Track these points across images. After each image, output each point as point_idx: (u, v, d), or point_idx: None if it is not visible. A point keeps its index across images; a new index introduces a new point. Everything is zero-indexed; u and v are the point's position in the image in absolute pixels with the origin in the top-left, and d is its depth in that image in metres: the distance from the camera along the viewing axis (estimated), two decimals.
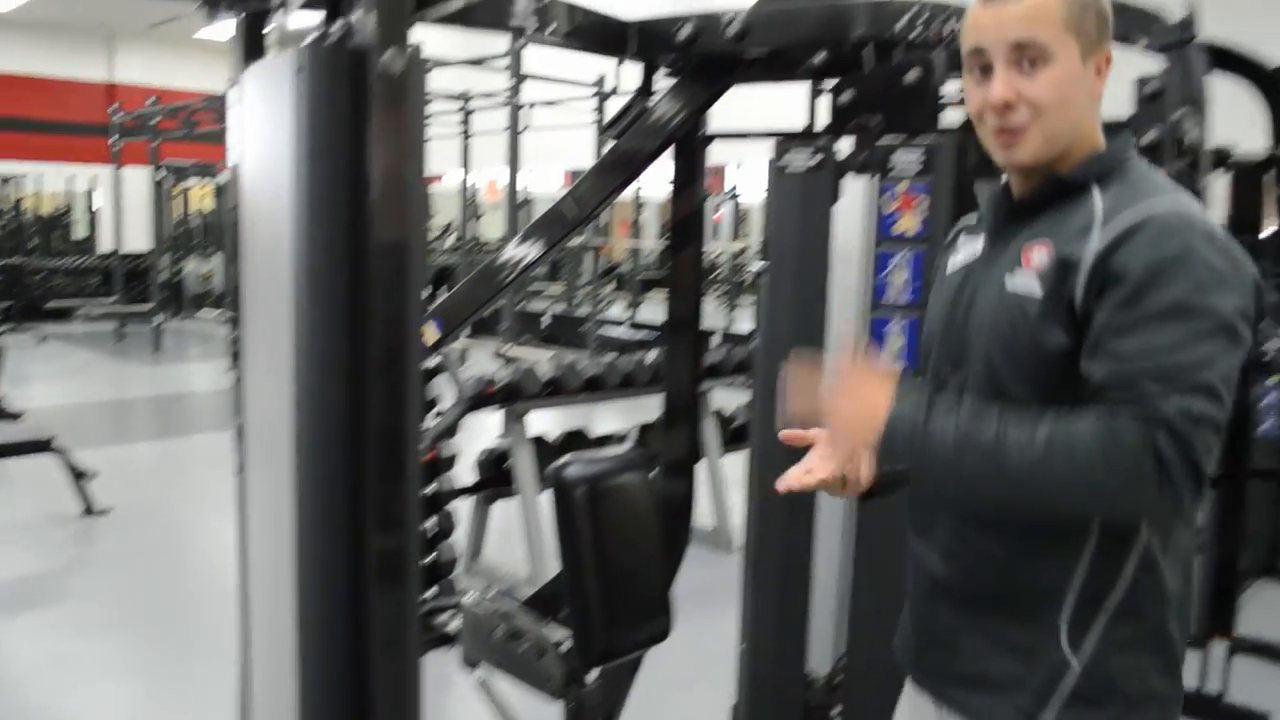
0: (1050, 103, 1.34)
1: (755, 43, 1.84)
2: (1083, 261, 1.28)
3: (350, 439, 1.13)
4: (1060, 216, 1.36)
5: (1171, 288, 1.22)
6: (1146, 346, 1.22)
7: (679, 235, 2.36)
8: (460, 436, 6.39)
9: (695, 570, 4.76)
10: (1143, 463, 1.19)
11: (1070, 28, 1.33)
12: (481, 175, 14.21)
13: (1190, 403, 1.19)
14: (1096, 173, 1.37)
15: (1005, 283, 1.36)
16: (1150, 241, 1.25)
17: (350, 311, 1.10)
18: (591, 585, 1.80)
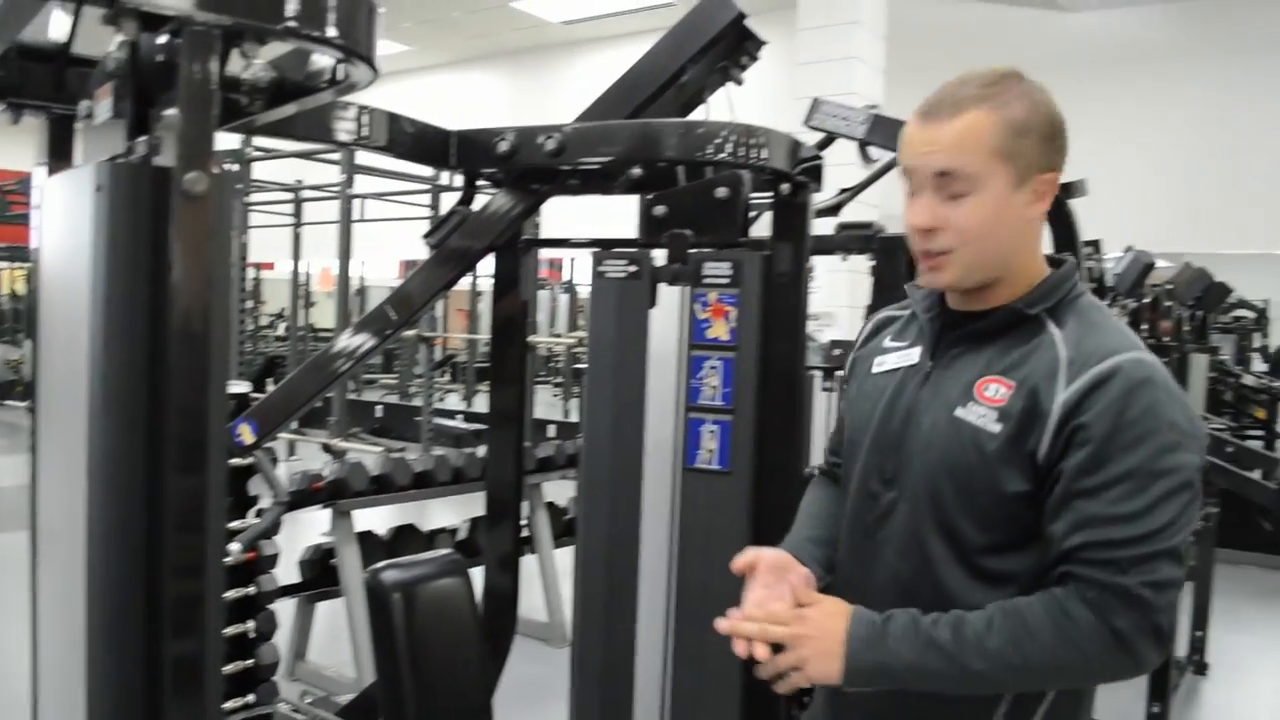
0: (973, 233, 1.33)
1: (571, 158, 1.91)
2: (1050, 413, 1.28)
3: (145, 542, 1.11)
4: (1016, 351, 1.35)
5: (1138, 450, 1.23)
6: (1114, 513, 1.23)
7: (502, 334, 2.40)
8: (290, 532, 6.19)
9: (528, 665, 4.73)
10: (1101, 642, 1.21)
11: (1000, 154, 1.31)
12: (315, 263, 13.97)
13: (1155, 573, 1.21)
14: (1048, 305, 1.36)
15: (957, 411, 1.35)
16: (1117, 398, 1.25)
17: (148, 419, 1.10)
18: (408, 692, 1.78)
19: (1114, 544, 1.22)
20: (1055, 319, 1.36)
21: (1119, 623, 1.21)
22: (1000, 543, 1.34)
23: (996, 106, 1.33)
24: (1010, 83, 1.35)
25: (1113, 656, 1.23)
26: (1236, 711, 4.84)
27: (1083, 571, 1.24)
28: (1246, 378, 9.45)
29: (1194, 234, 8.94)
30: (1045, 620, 1.24)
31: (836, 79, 7.10)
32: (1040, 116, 1.34)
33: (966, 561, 1.35)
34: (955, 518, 1.35)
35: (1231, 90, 8.86)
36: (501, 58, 13.31)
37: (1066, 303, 1.37)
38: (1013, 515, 1.32)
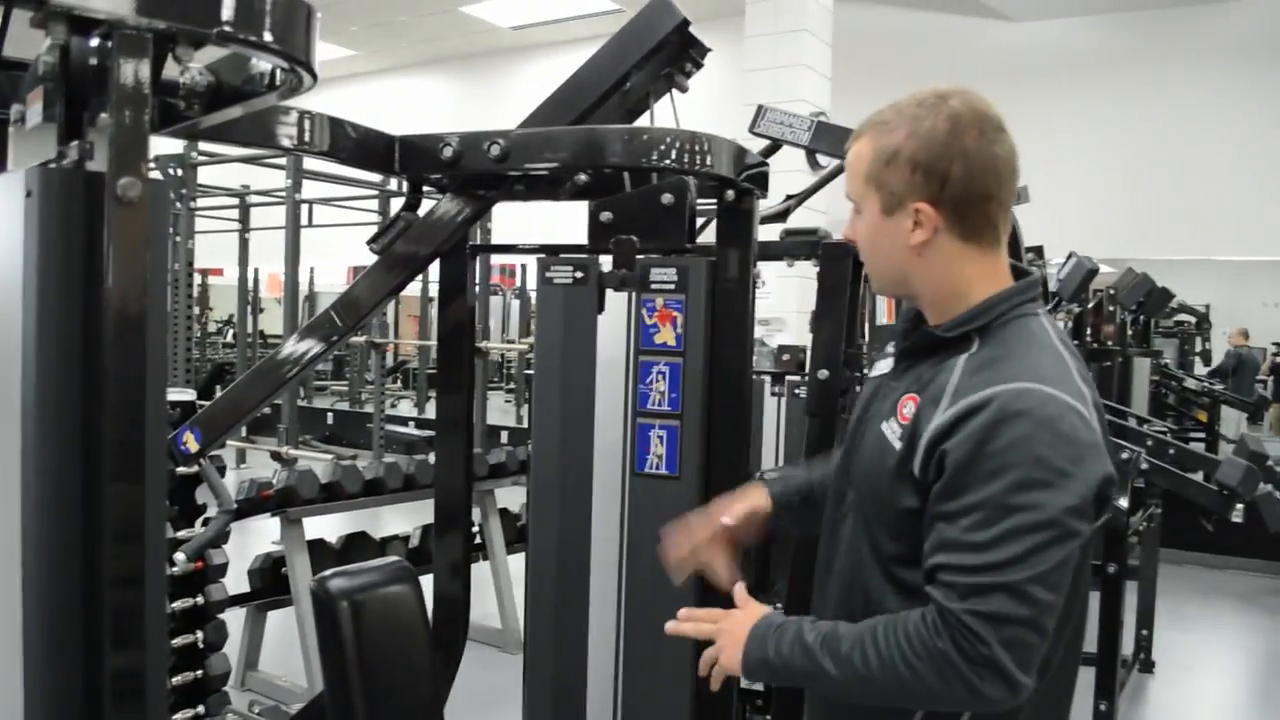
0: (862, 250, 1.45)
1: (516, 164, 1.91)
2: (922, 436, 1.31)
3: (83, 553, 1.09)
4: (930, 372, 1.38)
5: (994, 483, 1.24)
6: (962, 540, 1.25)
7: (450, 340, 2.39)
8: (241, 541, 6.11)
9: (482, 672, 4.71)
10: (930, 663, 1.24)
11: (870, 181, 1.39)
12: (264, 269, 13.82)
13: (987, 604, 1.22)
14: (973, 329, 1.37)
15: (882, 425, 1.40)
16: (982, 428, 1.25)
17: (84, 428, 1.08)
18: (356, 702, 1.76)
19: (956, 569, 1.25)
20: (981, 340, 1.37)
21: (944, 646, 1.23)
22: (907, 555, 1.36)
23: (881, 134, 1.38)
24: (925, 109, 1.36)
25: (942, 681, 1.24)
26: (1183, 708, 4.93)
27: (931, 592, 1.27)
28: (1188, 381, 9.64)
29: (1136, 240, 9.11)
30: (891, 637, 1.28)
31: (784, 86, 7.15)
32: (917, 146, 1.35)
33: (884, 569, 1.40)
34: (874, 526, 1.41)
35: (1172, 99, 9.05)
36: (450, 63, 13.27)
37: (998, 324, 1.38)
38: (912, 528, 1.35)
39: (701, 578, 1.77)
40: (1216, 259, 10.26)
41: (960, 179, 1.34)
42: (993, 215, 1.39)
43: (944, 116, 1.34)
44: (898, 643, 1.27)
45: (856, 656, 1.29)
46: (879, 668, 1.28)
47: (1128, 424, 4.88)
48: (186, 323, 9.31)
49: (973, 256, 1.39)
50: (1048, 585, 1.24)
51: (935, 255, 1.39)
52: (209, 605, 3.80)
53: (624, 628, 2.15)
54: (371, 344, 10.01)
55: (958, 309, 1.40)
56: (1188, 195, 8.96)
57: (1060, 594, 1.27)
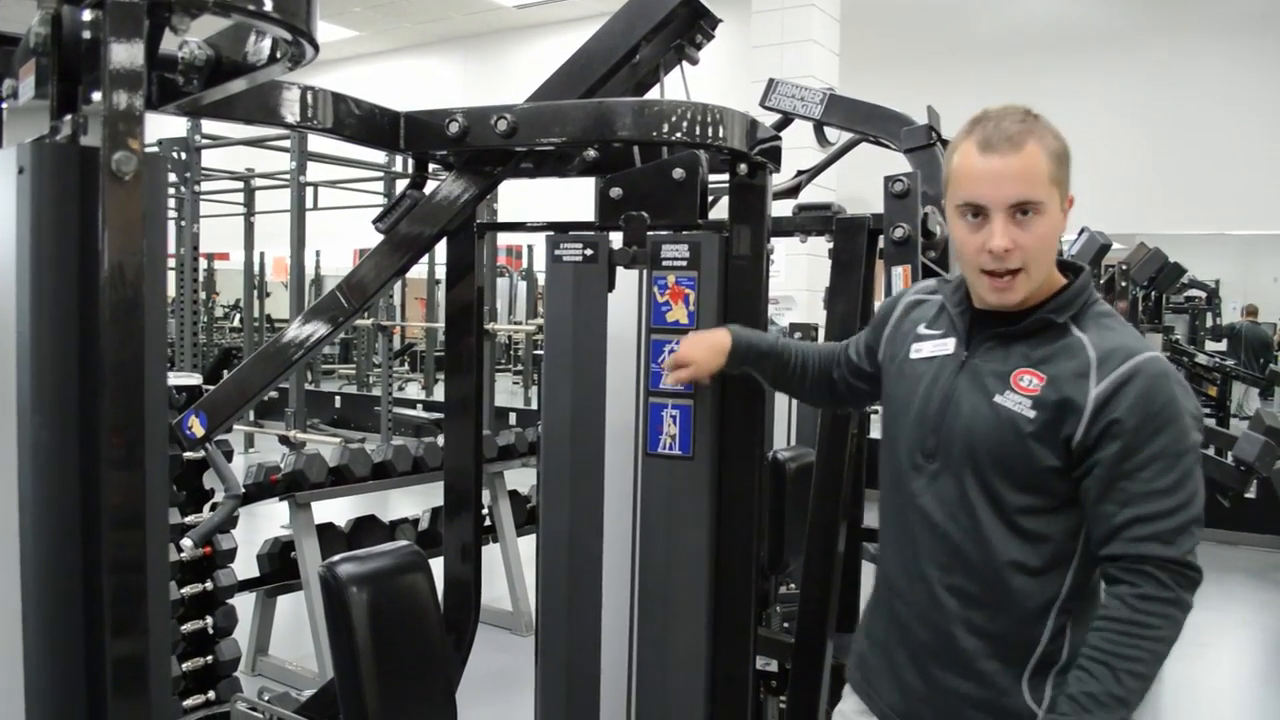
0: (1040, 251, 1.54)
1: (523, 139, 1.87)
2: (1085, 406, 1.49)
3: (83, 539, 1.07)
4: (1044, 349, 1.56)
5: (1164, 436, 1.47)
6: (1150, 491, 1.47)
7: (458, 321, 2.36)
8: (251, 525, 6.11)
9: (494, 654, 4.71)
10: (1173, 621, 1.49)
11: (1055, 181, 1.54)
12: (270, 253, 13.79)
13: (1192, 538, 1.49)
14: (1072, 313, 1.57)
15: (995, 398, 1.57)
16: (1142, 393, 1.47)
17: (82, 411, 1.05)
18: (367, 687, 1.74)
19: (1156, 517, 1.47)
20: (1077, 324, 1.57)
21: (1178, 594, 1.48)
22: (1035, 506, 1.55)
23: (1040, 138, 1.54)
24: (1034, 117, 1.56)
25: (1177, 626, 1.49)
26: (1196, 685, 4.90)
27: (1135, 548, 1.48)
28: (1200, 356, 9.58)
29: (1148, 215, 9.03)
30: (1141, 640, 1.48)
31: (792, 62, 7.08)
32: (1064, 146, 1.56)
33: (1008, 521, 1.56)
34: (996, 484, 1.56)
35: (1184, 73, 8.95)
36: (454, 43, 13.17)
37: (1085, 309, 1.58)
38: (1045, 484, 1.54)
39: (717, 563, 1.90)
40: (1228, 233, 10.17)
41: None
42: None
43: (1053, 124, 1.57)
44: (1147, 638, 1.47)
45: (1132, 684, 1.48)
46: (1151, 669, 1.49)
47: None
48: (193, 307, 9.31)
49: None
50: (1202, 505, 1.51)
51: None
52: (218, 590, 3.79)
53: (637, 609, 2.13)
54: (379, 327, 9.99)
55: (1047, 292, 1.59)
56: (1200, 169, 8.87)
57: None
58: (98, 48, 1.02)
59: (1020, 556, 1.56)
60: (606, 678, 2.17)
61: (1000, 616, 1.58)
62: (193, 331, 9.43)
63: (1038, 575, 1.57)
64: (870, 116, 2.54)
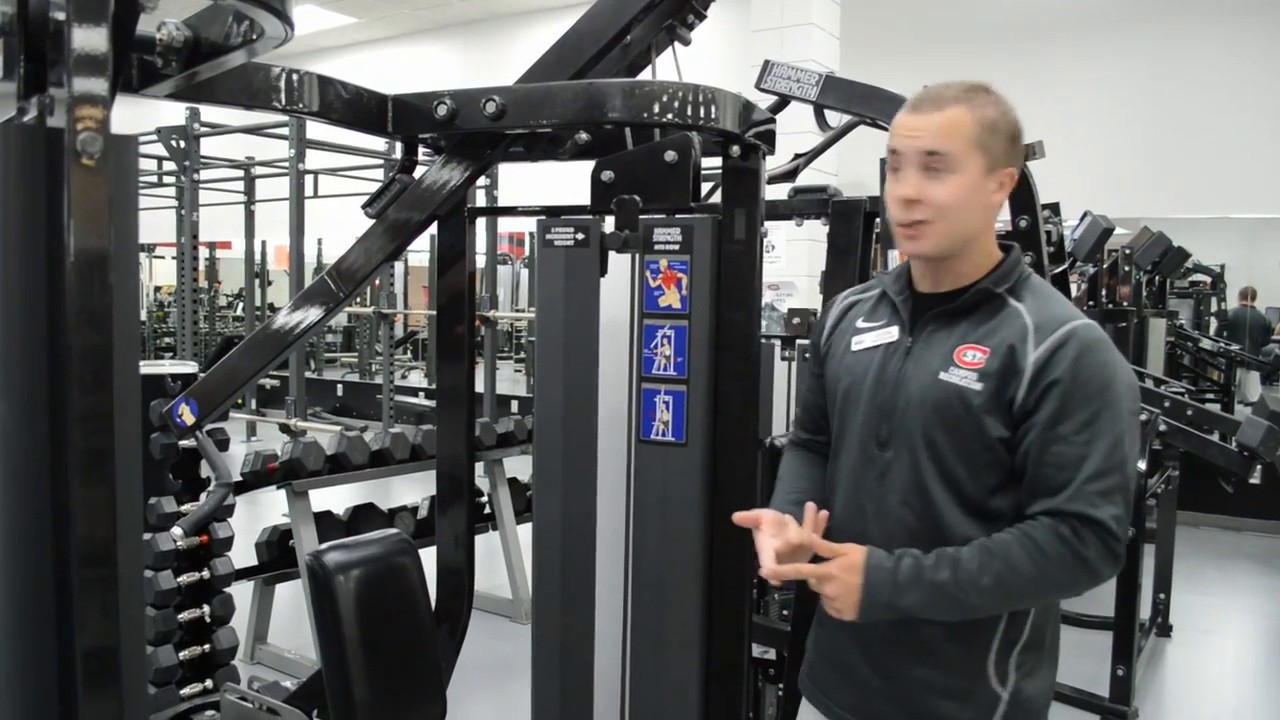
0: (951, 207, 1.56)
1: (513, 122, 1.84)
2: (1025, 369, 1.52)
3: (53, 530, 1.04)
4: (986, 323, 1.59)
5: (1097, 400, 1.49)
6: (1082, 455, 1.48)
7: (450, 308, 2.33)
8: (251, 513, 6.10)
9: (493, 642, 4.70)
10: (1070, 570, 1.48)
11: (976, 143, 1.56)
12: (271, 241, 13.77)
13: (1115, 505, 1.48)
14: (1009, 285, 1.61)
15: (940, 375, 1.58)
16: (1077, 355, 1.50)
17: (49, 401, 1.03)
18: (354, 676, 1.72)
19: (1087, 478, 1.47)
20: (1015, 295, 1.60)
21: (1088, 552, 1.47)
22: (990, 484, 1.57)
23: (974, 107, 1.57)
24: (982, 91, 1.60)
25: (1078, 579, 1.50)
26: (1201, 672, 4.88)
27: (1069, 507, 1.47)
28: (1204, 341, 9.54)
29: (1151, 199, 8.97)
30: (1025, 559, 1.48)
31: (792, 46, 7.03)
32: (1003, 119, 1.58)
33: (962, 500, 1.57)
34: (951, 463, 1.57)
35: (1188, 55, 8.88)
36: (454, 29, 13.10)
37: (1021, 281, 1.62)
38: (997, 459, 1.56)
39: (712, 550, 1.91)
40: (1232, 217, 10.10)
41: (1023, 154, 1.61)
42: None
43: (1003, 99, 1.60)
44: (1041, 562, 1.47)
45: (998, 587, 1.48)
46: (1023, 587, 1.50)
47: (1145, 385, 4.81)
48: (194, 295, 9.29)
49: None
50: (1135, 477, 1.53)
51: (992, 216, 1.63)
52: (215, 579, 3.78)
53: (631, 597, 2.11)
54: (380, 315, 9.97)
55: (984, 267, 1.62)
56: (1204, 152, 8.81)
57: None
58: (64, 27, 0.99)
59: (977, 536, 1.55)
60: (600, 664, 2.16)
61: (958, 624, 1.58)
62: (194, 320, 9.41)
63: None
64: (867, 98, 2.51)
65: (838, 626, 1.66)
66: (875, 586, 1.53)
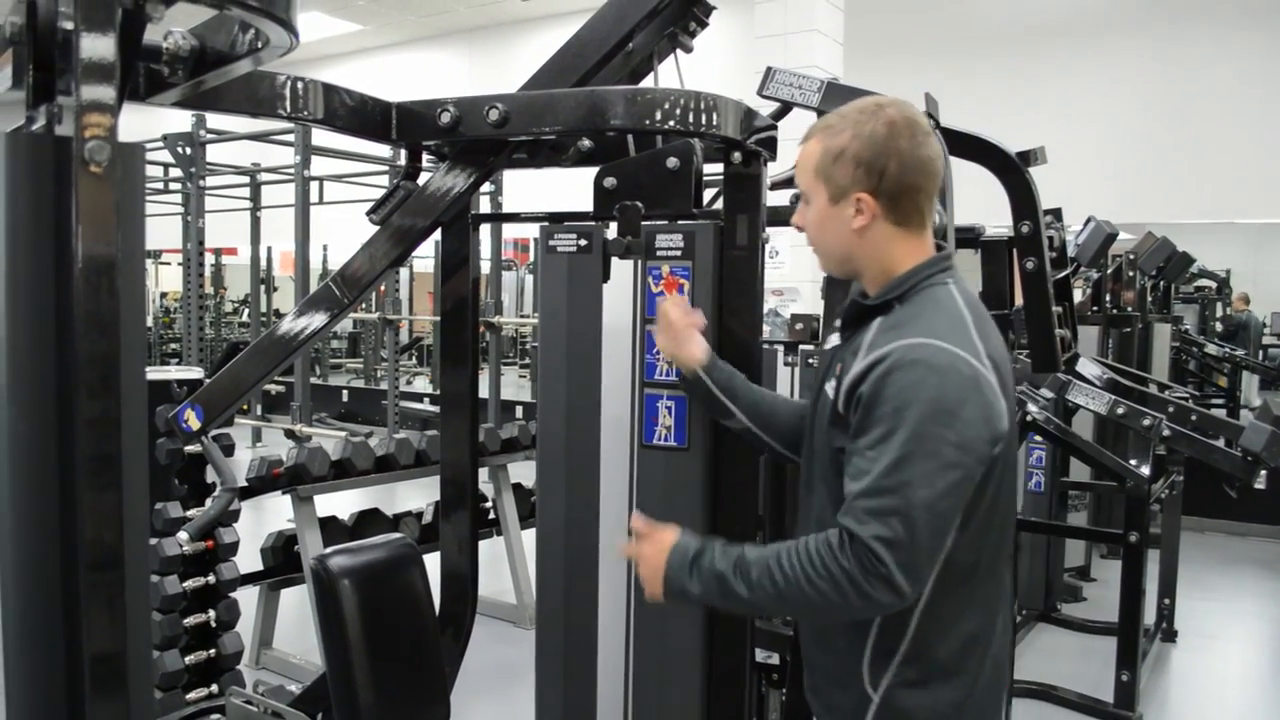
0: (809, 235, 1.68)
1: (515, 129, 1.85)
2: (844, 384, 1.56)
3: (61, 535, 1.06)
4: (860, 335, 1.62)
5: (891, 419, 1.47)
6: (864, 469, 1.47)
7: (453, 314, 2.35)
8: (257, 519, 6.11)
9: (498, 647, 4.71)
10: (830, 581, 1.46)
11: (819, 174, 1.62)
12: (277, 247, 13.81)
13: (885, 528, 1.43)
14: (894, 297, 1.61)
15: (825, 385, 1.66)
16: (884, 374, 1.49)
17: (58, 406, 1.04)
18: (358, 679, 1.73)
19: (861, 494, 1.47)
20: (901, 305, 1.61)
21: (849, 567, 1.45)
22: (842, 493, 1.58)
23: (828, 136, 1.62)
24: (866, 115, 1.60)
25: (844, 594, 1.46)
26: (1206, 677, 4.88)
27: (841, 518, 1.48)
28: (1209, 346, 9.53)
29: (1155, 204, 8.97)
30: (793, 562, 1.50)
31: (795, 52, 7.04)
32: (860, 147, 1.59)
33: (836, 507, 1.57)
34: (829, 474, 1.63)
35: (1191, 59, 8.88)
36: (459, 35, 13.14)
37: (912, 293, 1.61)
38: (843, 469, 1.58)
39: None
40: (1237, 222, 10.09)
41: (895, 174, 1.58)
42: (920, 204, 1.63)
43: (883, 122, 1.59)
44: (802, 566, 1.48)
45: (766, 581, 1.51)
46: (786, 588, 1.49)
47: (1148, 390, 4.81)
48: (200, 301, 9.31)
49: (902, 238, 1.63)
50: (933, 510, 1.45)
51: (872, 237, 1.63)
52: (220, 584, 3.79)
53: (634, 601, 2.11)
54: (385, 320, 9.98)
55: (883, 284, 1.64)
56: (1208, 158, 8.80)
57: (951, 518, 1.48)
58: (72, 37, 1.00)
59: None
60: (603, 669, 2.16)
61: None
62: (199, 326, 9.43)
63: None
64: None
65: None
66: (674, 568, 1.59)
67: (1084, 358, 4.65)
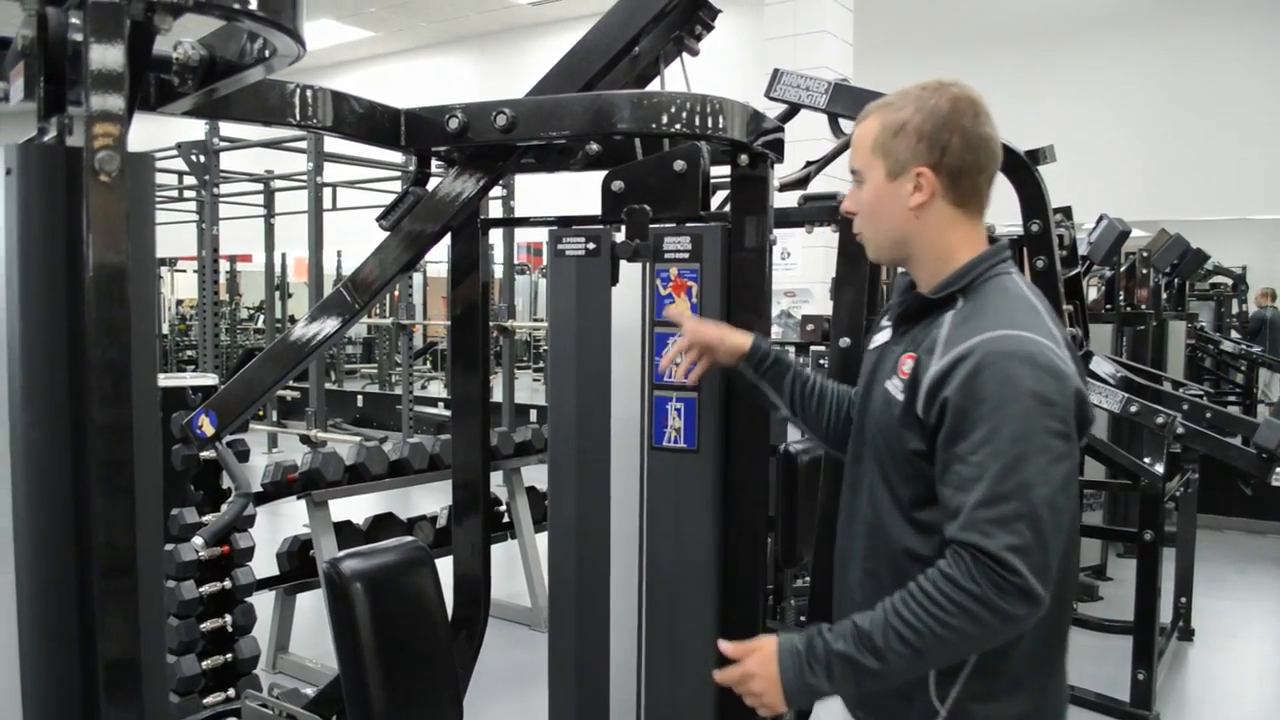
0: (862, 215, 1.61)
1: (523, 134, 1.87)
2: (923, 384, 1.49)
3: (76, 539, 1.07)
4: (924, 331, 1.56)
5: (993, 420, 1.40)
6: (976, 477, 1.39)
7: (464, 319, 2.36)
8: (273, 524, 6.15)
9: (513, 650, 4.72)
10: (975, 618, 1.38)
11: (877, 150, 1.57)
12: (291, 254, 13.87)
13: (1013, 534, 1.37)
14: (957, 289, 1.56)
15: (885, 383, 1.59)
16: (973, 372, 1.43)
17: (71, 413, 1.06)
18: (371, 683, 1.75)
19: (979, 504, 1.39)
20: (964, 299, 1.56)
21: (983, 590, 1.37)
22: (920, 497, 1.53)
23: (889, 112, 1.58)
24: (927, 92, 1.57)
25: (986, 623, 1.39)
26: (1223, 676, 4.86)
27: (961, 535, 1.40)
28: (1225, 344, 9.47)
29: (1169, 201, 8.93)
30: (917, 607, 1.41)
31: (805, 53, 7.05)
32: (923, 119, 1.55)
33: (903, 512, 1.56)
34: (890, 475, 1.58)
35: (1204, 54, 8.85)
36: (469, 41, 13.19)
37: (977, 284, 1.56)
38: (918, 472, 1.52)
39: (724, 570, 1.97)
40: (1253, 218, 10.04)
41: (958, 150, 1.54)
42: (980, 186, 1.59)
43: (946, 98, 1.55)
44: (928, 611, 1.40)
45: (896, 643, 1.41)
46: (920, 642, 1.40)
47: (1162, 388, 4.79)
48: (215, 308, 9.37)
49: (960, 223, 1.59)
50: (1055, 506, 1.39)
51: (930, 218, 1.58)
52: (237, 589, 3.82)
53: (645, 603, 2.12)
54: (399, 326, 10.02)
55: (945, 272, 1.58)
56: (1222, 154, 8.76)
57: (1068, 511, 1.42)
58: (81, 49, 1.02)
59: (914, 545, 1.55)
60: (615, 671, 2.17)
61: None
62: (215, 333, 9.49)
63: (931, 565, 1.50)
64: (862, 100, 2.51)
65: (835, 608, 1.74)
66: (789, 671, 1.51)
67: (1097, 356, 4.63)
